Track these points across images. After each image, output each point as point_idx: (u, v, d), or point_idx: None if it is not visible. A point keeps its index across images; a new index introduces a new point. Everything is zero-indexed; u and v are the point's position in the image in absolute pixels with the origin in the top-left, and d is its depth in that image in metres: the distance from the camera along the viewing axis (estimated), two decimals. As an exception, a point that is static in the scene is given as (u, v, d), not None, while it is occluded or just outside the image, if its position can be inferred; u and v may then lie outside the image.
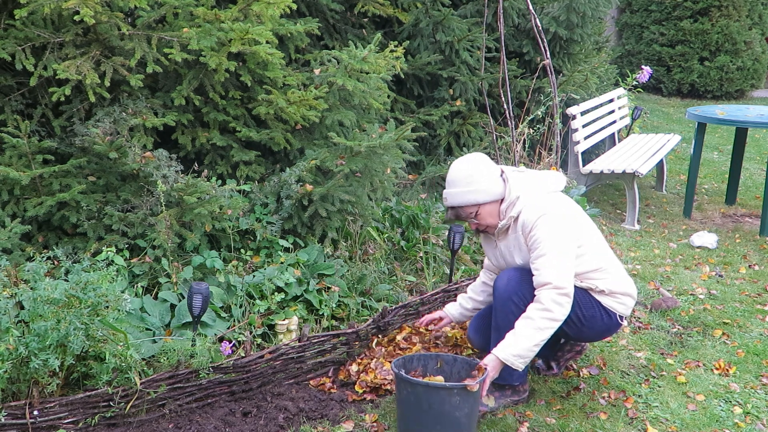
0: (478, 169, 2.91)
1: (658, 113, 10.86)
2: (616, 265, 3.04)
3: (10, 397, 2.58)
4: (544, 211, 2.84)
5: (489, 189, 2.90)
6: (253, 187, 3.86)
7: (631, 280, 3.08)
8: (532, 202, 2.88)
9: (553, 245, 2.79)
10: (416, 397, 2.61)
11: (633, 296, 3.04)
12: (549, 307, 2.74)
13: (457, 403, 2.59)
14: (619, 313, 3.00)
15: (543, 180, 3.00)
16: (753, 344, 3.64)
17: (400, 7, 5.35)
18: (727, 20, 11.57)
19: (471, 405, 2.63)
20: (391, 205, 4.44)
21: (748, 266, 4.78)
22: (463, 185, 2.91)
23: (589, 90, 6.22)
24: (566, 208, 2.94)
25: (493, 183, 2.91)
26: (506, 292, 2.89)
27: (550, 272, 2.76)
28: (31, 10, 3.29)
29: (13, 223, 3.26)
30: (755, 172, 7.57)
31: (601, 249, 3.00)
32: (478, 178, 2.90)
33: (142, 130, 3.62)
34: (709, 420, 2.96)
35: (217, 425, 2.79)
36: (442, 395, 2.59)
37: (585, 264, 2.90)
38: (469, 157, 2.98)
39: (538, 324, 2.74)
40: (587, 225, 3.02)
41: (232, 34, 3.55)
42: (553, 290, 2.75)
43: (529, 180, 2.96)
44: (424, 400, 2.59)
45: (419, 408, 2.61)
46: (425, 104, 5.55)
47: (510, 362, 2.74)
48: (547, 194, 2.95)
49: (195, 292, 2.95)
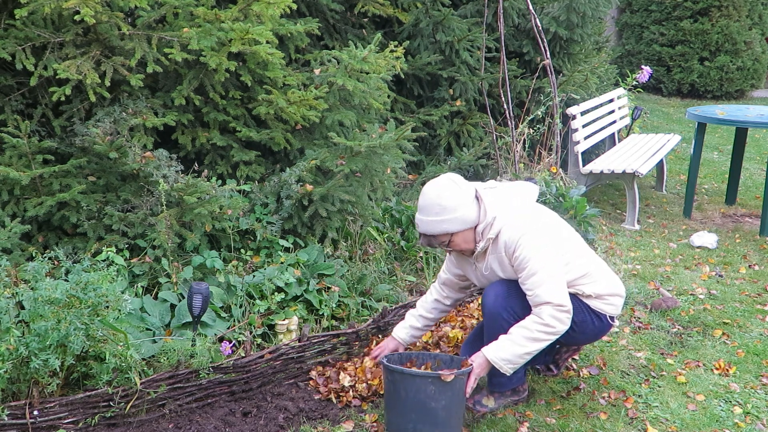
0: (450, 196, 2.74)
1: (658, 113, 10.86)
2: (601, 266, 3.00)
3: (10, 397, 2.58)
4: (525, 229, 2.75)
5: (461, 217, 2.75)
6: (253, 187, 3.86)
7: (617, 278, 3.05)
8: (511, 222, 2.78)
9: (542, 263, 2.72)
10: (394, 385, 2.66)
11: (621, 295, 3.00)
12: (548, 323, 2.70)
13: (432, 393, 2.61)
14: (609, 314, 2.97)
15: (517, 194, 2.91)
16: (753, 344, 3.64)
17: (400, 7, 5.35)
18: (727, 20, 11.57)
19: (449, 398, 2.64)
20: (391, 205, 4.44)
21: (748, 266, 4.78)
22: (433, 214, 2.75)
23: (589, 90, 6.22)
24: (545, 220, 2.88)
25: (466, 210, 2.76)
26: (495, 308, 2.83)
27: (546, 292, 2.70)
28: (32, 10, 3.29)
29: (13, 223, 3.26)
30: (755, 172, 7.57)
31: (583, 254, 2.96)
32: (449, 205, 2.73)
33: (142, 130, 3.62)
34: (709, 420, 2.96)
35: (217, 425, 2.79)
36: (417, 383, 2.62)
37: (571, 272, 2.86)
38: (439, 182, 2.79)
39: (534, 335, 2.70)
40: (567, 232, 2.97)
41: (233, 34, 3.55)
42: (553, 309, 2.71)
43: (503, 197, 2.85)
44: (401, 388, 2.64)
45: (397, 395, 2.66)
46: (425, 104, 5.55)
47: (498, 365, 2.70)
48: (523, 210, 2.85)
49: (195, 292, 2.95)
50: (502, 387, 2.97)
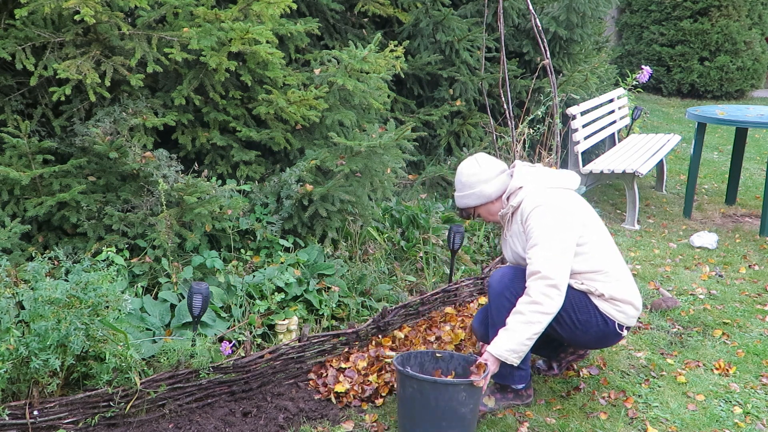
0: (469, 174, 3.04)
1: (658, 113, 10.87)
2: (622, 271, 2.97)
3: (10, 397, 2.58)
4: (540, 202, 2.87)
5: (479, 192, 3.01)
6: (253, 187, 3.86)
7: (636, 289, 3.00)
8: (533, 193, 2.91)
9: (546, 236, 2.79)
10: (422, 394, 2.63)
11: (635, 306, 2.95)
12: (538, 300, 2.72)
13: (463, 399, 2.62)
14: (618, 321, 2.93)
15: (553, 176, 3.01)
16: (753, 344, 3.64)
17: (400, 7, 5.35)
18: (726, 20, 11.57)
19: (476, 400, 2.68)
20: (391, 205, 4.44)
21: (748, 266, 4.78)
22: (458, 190, 3.09)
23: (589, 90, 6.21)
24: (568, 204, 2.91)
25: (485, 186, 3.01)
26: (499, 287, 2.91)
27: (541, 262, 2.75)
28: (32, 10, 3.29)
29: (13, 223, 3.26)
30: (755, 172, 7.57)
31: (606, 252, 2.94)
32: (468, 182, 3.04)
33: (143, 130, 3.62)
34: (709, 420, 2.96)
35: (217, 425, 2.79)
36: (450, 391, 2.62)
37: (585, 263, 2.87)
38: (464, 163, 3.09)
39: (528, 318, 2.72)
40: (594, 225, 2.96)
41: (233, 34, 3.55)
42: (541, 281, 2.72)
43: (537, 174, 2.99)
44: (432, 397, 2.61)
45: (426, 405, 2.63)
46: (425, 104, 5.55)
47: (504, 358, 2.74)
48: (552, 189, 2.94)
49: (195, 292, 2.95)
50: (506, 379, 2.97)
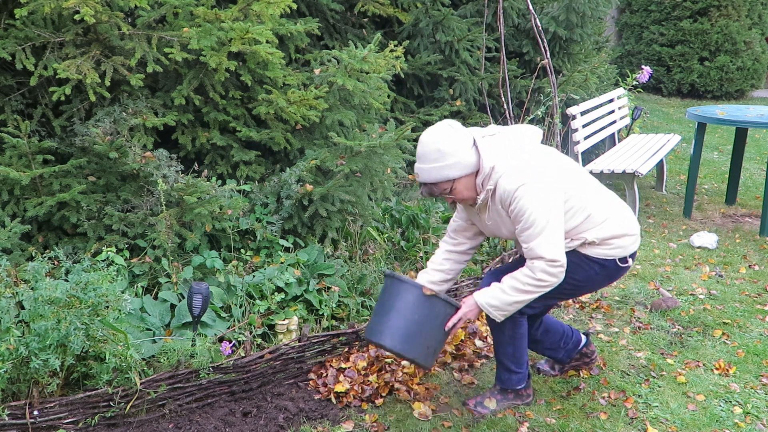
0: (448, 140, 2.65)
1: (658, 113, 10.86)
2: (606, 206, 2.83)
3: (10, 397, 2.58)
4: (523, 180, 2.62)
5: (461, 161, 2.65)
6: (253, 187, 3.86)
7: (626, 213, 2.88)
8: (509, 171, 2.65)
9: (538, 217, 2.61)
10: (385, 287, 2.88)
11: (629, 233, 2.83)
12: (540, 277, 2.65)
13: (409, 302, 2.77)
14: (617, 257, 2.83)
15: (517, 140, 2.74)
16: (753, 344, 3.64)
17: (400, 7, 5.35)
18: (726, 20, 11.57)
19: (424, 316, 2.77)
20: (391, 205, 4.44)
21: (748, 266, 4.77)
22: (432, 160, 2.66)
23: (589, 90, 6.22)
24: (545, 170, 2.70)
25: (466, 154, 2.66)
26: None
27: (541, 246, 2.62)
28: (32, 10, 3.29)
29: (13, 223, 3.26)
30: (755, 172, 7.57)
31: (586, 195, 2.79)
32: (448, 150, 2.64)
33: (142, 130, 3.62)
34: (709, 420, 2.96)
35: (217, 425, 2.79)
36: (398, 287, 2.81)
37: (572, 220, 2.74)
38: (436, 128, 2.70)
39: (524, 287, 2.67)
40: (568, 171, 2.79)
41: (233, 34, 3.55)
42: (545, 263, 2.64)
43: (502, 144, 2.71)
44: (387, 289, 2.85)
45: (383, 295, 2.87)
46: (425, 104, 5.55)
47: (485, 309, 2.74)
48: (521, 158, 2.69)
49: (195, 292, 2.95)
50: (505, 383, 2.98)
